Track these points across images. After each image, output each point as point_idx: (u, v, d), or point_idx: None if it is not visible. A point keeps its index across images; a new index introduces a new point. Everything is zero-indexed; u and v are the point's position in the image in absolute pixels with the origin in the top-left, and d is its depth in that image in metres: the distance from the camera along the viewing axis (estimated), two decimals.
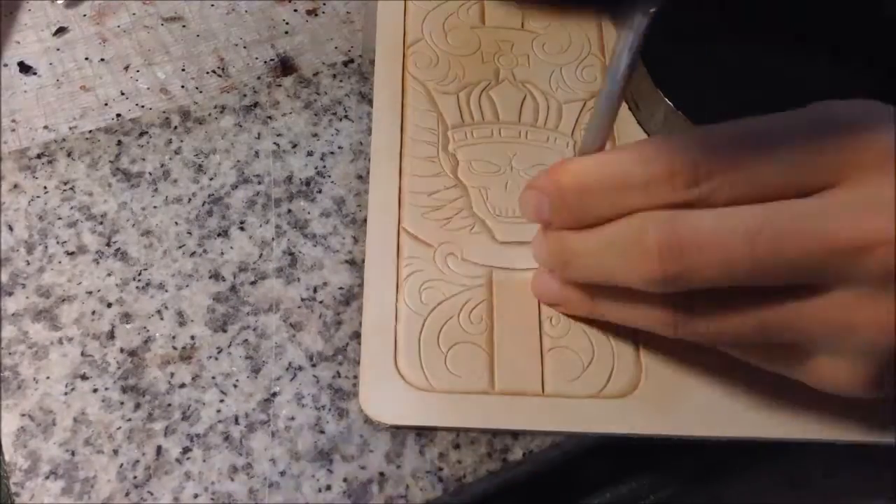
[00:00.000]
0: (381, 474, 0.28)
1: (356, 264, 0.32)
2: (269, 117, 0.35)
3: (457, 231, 0.31)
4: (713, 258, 0.22)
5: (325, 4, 0.38)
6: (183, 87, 0.35)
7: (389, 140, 0.33)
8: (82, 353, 0.29)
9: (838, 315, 0.22)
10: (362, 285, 0.31)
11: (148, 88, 0.35)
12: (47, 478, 0.27)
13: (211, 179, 0.33)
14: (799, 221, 0.22)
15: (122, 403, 0.29)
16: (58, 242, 0.31)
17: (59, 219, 0.32)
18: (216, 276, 0.31)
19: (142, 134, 0.34)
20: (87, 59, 0.36)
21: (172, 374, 0.29)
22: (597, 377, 0.29)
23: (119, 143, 0.34)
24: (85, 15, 0.37)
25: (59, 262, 0.31)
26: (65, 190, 0.32)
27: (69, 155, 0.33)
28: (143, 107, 0.35)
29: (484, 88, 0.34)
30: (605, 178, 0.24)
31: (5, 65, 0.35)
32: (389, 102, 0.34)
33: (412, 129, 0.34)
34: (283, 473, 0.28)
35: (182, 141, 0.34)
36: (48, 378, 0.29)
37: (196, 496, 0.27)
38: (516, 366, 0.29)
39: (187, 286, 0.31)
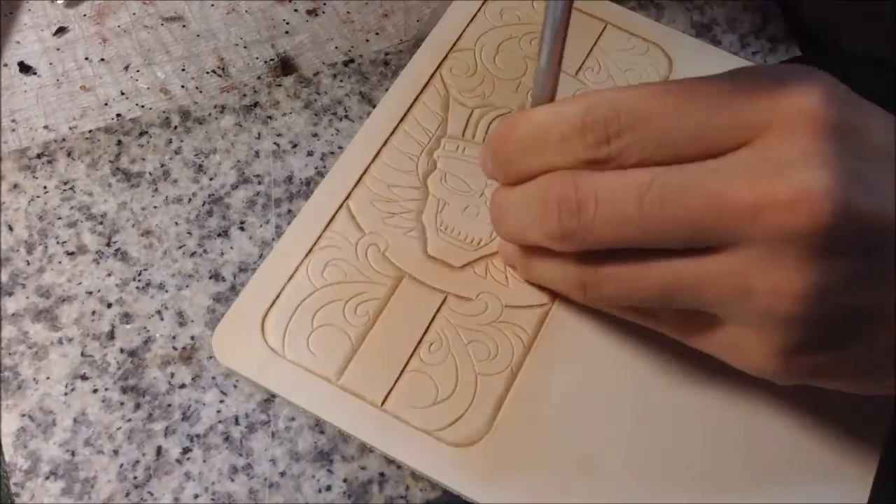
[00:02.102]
0: (381, 474, 0.28)
1: None
2: (270, 117, 0.35)
3: (393, 228, 0.31)
4: (606, 215, 0.22)
5: (325, 4, 0.38)
6: (183, 87, 0.35)
7: (384, 123, 0.33)
8: (82, 354, 0.29)
9: (735, 278, 0.22)
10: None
11: (148, 88, 0.35)
12: (47, 478, 0.27)
13: (211, 179, 0.33)
14: (690, 180, 0.21)
15: (122, 404, 0.29)
16: (58, 242, 0.31)
17: (59, 219, 0.32)
18: (216, 276, 0.31)
19: (142, 134, 0.34)
20: (87, 59, 0.36)
21: (172, 375, 0.29)
22: (441, 416, 0.28)
23: (119, 143, 0.34)
24: (85, 15, 0.37)
25: (59, 262, 0.31)
26: (65, 190, 0.32)
27: (69, 155, 0.33)
28: (143, 107, 0.35)
29: (501, 115, 0.34)
30: (528, 134, 0.24)
31: (5, 65, 0.35)
32: (406, 91, 0.34)
33: (412, 122, 0.34)
34: (283, 474, 0.28)
35: (182, 141, 0.34)
36: (48, 378, 0.29)
37: (196, 496, 0.27)
38: (371, 370, 0.28)
39: (187, 286, 0.31)
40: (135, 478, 0.27)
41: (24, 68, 0.35)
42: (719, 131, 0.22)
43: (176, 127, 0.34)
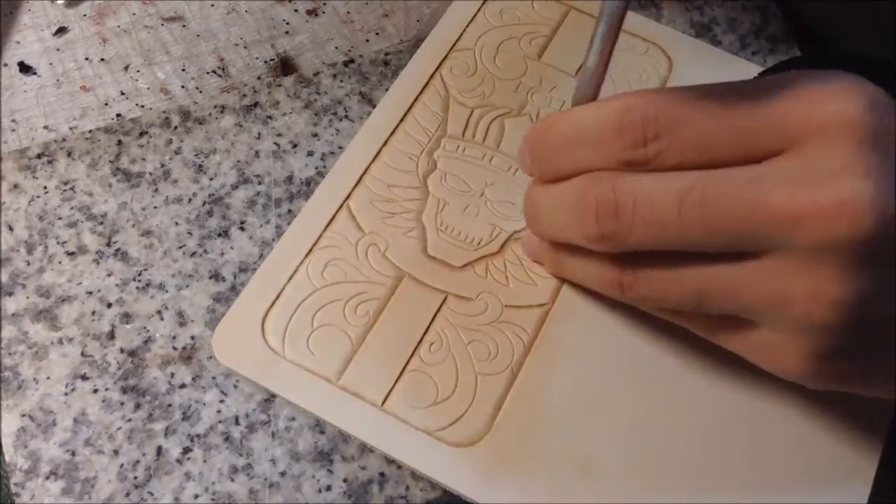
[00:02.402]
0: (381, 474, 0.28)
1: None
2: (270, 117, 0.35)
3: (393, 228, 0.31)
4: (645, 219, 0.22)
5: (325, 4, 0.38)
6: (183, 87, 0.35)
7: (384, 123, 0.33)
8: (82, 354, 0.29)
9: (774, 285, 0.22)
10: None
11: (148, 88, 0.35)
12: (47, 478, 0.27)
13: (211, 179, 0.33)
14: (730, 187, 0.21)
15: (122, 404, 0.29)
16: (58, 242, 0.31)
17: (59, 219, 0.32)
18: (216, 276, 0.31)
19: (142, 134, 0.34)
20: (87, 59, 0.36)
21: (172, 375, 0.29)
22: (441, 416, 0.28)
23: (119, 143, 0.34)
24: (85, 15, 0.37)
25: (59, 262, 0.31)
26: (65, 190, 0.32)
27: (69, 155, 0.33)
28: (143, 107, 0.35)
29: (501, 115, 0.34)
30: (567, 132, 0.24)
31: (5, 65, 0.35)
32: (406, 91, 0.34)
33: (412, 122, 0.34)
34: (283, 474, 0.28)
35: (182, 141, 0.34)
36: (48, 378, 0.29)
37: (196, 496, 0.27)
38: (371, 370, 0.28)
39: (187, 286, 0.31)
40: (135, 478, 0.27)
41: (24, 68, 0.35)
42: (758, 137, 0.22)
43: (176, 127, 0.34)
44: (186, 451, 0.28)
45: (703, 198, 0.21)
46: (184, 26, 0.37)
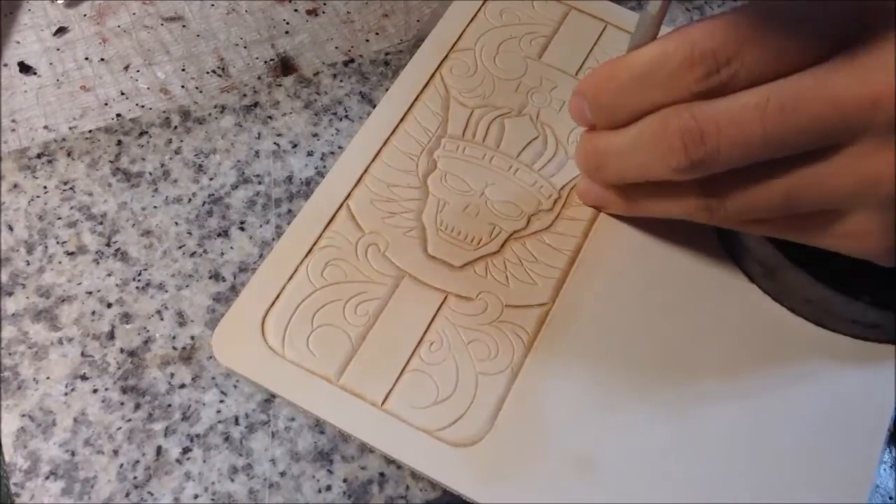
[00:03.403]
0: (381, 474, 0.28)
1: None
2: (270, 117, 0.35)
3: (393, 227, 0.31)
4: (731, 138, 0.23)
5: (325, 4, 0.38)
6: (183, 87, 0.35)
7: (384, 123, 0.33)
8: (82, 354, 0.29)
9: (861, 169, 0.23)
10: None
11: (148, 88, 0.35)
12: (47, 478, 0.27)
13: (211, 179, 0.33)
14: (804, 87, 0.23)
15: (122, 404, 0.29)
16: (58, 242, 0.31)
17: (59, 219, 0.32)
18: (216, 276, 0.31)
19: (142, 134, 0.34)
20: (87, 59, 0.36)
21: (172, 375, 0.29)
22: (442, 416, 0.28)
23: (119, 143, 0.34)
24: (85, 15, 0.37)
25: (59, 262, 0.31)
26: (65, 190, 0.32)
27: (69, 155, 0.33)
28: (143, 107, 0.35)
29: (501, 114, 0.34)
30: (633, 75, 0.25)
31: (5, 65, 0.35)
32: (406, 91, 0.34)
33: (412, 122, 0.34)
34: (283, 474, 0.28)
35: (182, 141, 0.34)
36: (48, 378, 0.29)
37: (196, 496, 0.27)
38: (371, 370, 0.28)
39: (187, 286, 0.31)
40: (135, 478, 0.27)
41: (24, 68, 0.35)
42: (819, 40, 0.23)
43: (176, 127, 0.34)
44: (186, 451, 0.28)
45: (782, 104, 0.23)
46: (184, 26, 0.37)
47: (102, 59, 0.36)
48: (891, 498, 0.29)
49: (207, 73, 0.36)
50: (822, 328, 0.30)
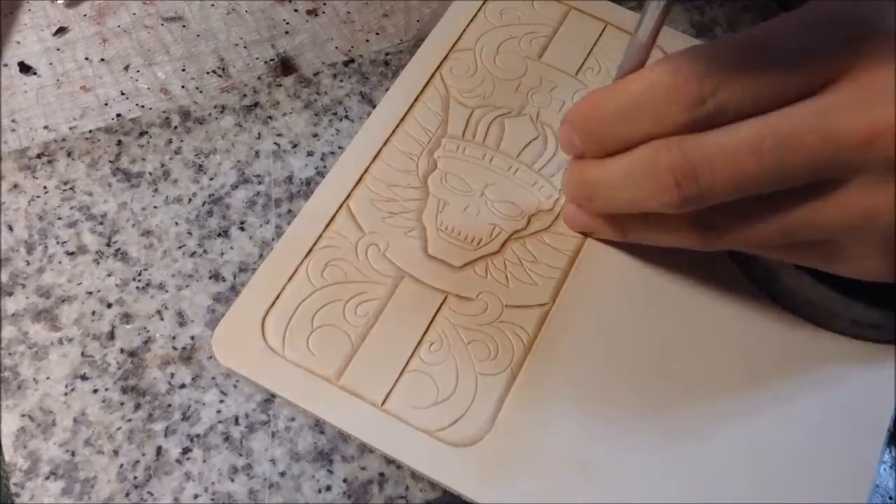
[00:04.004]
0: (381, 474, 0.28)
1: None
2: (270, 117, 0.35)
3: (393, 228, 0.31)
4: (725, 175, 0.23)
5: (325, 4, 0.38)
6: (183, 87, 0.35)
7: (384, 123, 0.33)
8: (82, 354, 0.29)
9: (857, 206, 0.23)
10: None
11: (148, 88, 0.35)
12: (47, 478, 0.27)
13: (211, 179, 0.33)
14: (800, 123, 0.22)
15: (122, 404, 0.29)
16: (58, 242, 0.31)
17: (59, 219, 0.32)
18: (216, 276, 0.31)
19: (142, 134, 0.34)
20: (87, 59, 0.36)
21: (172, 375, 0.29)
22: (442, 416, 0.28)
23: (119, 143, 0.34)
24: (85, 15, 0.37)
25: (59, 262, 0.31)
26: (65, 190, 0.32)
27: (69, 155, 0.33)
28: (143, 107, 0.35)
29: (501, 115, 0.34)
30: (621, 104, 0.24)
31: (5, 65, 0.35)
32: (406, 91, 0.34)
33: (412, 122, 0.34)
34: (283, 474, 0.28)
35: (182, 141, 0.34)
36: (48, 378, 0.29)
37: (196, 496, 0.27)
38: (371, 370, 0.28)
39: (187, 286, 0.31)
40: (135, 478, 0.27)
41: (24, 68, 0.35)
42: (809, 72, 0.22)
43: (176, 127, 0.34)
44: (186, 451, 0.28)
45: (777, 140, 0.22)
46: (184, 26, 0.37)
47: (102, 59, 0.36)
48: (891, 498, 0.29)
49: (207, 73, 0.36)
50: (822, 329, 0.30)
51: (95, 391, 0.29)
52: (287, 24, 0.37)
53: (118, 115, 0.34)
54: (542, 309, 0.30)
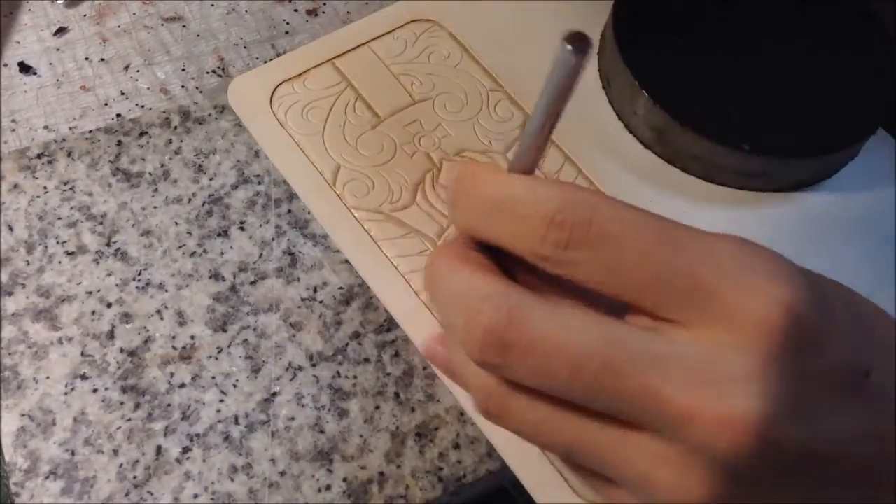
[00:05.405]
0: (381, 474, 0.28)
1: None
2: None
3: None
4: (533, 367, 0.21)
5: (325, 4, 0.38)
6: (183, 87, 0.35)
7: None
8: (82, 353, 0.29)
9: (644, 465, 0.21)
10: (363, 285, 0.31)
11: (148, 88, 0.35)
12: (47, 478, 0.27)
13: (211, 179, 0.33)
14: (632, 362, 0.20)
15: (122, 403, 0.29)
16: (58, 242, 0.31)
17: (59, 219, 0.32)
18: (216, 276, 0.31)
19: (142, 134, 0.34)
20: (87, 59, 0.36)
21: (172, 374, 0.29)
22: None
23: (119, 143, 0.34)
24: (85, 15, 0.37)
25: (59, 262, 0.31)
26: (65, 190, 0.32)
27: (69, 155, 0.33)
28: (143, 107, 0.35)
29: (432, 181, 0.33)
30: (497, 199, 0.22)
31: (5, 65, 0.35)
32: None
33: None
34: (282, 473, 0.28)
35: (182, 141, 0.34)
36: (48, 378, 0.29)
37: (196, 496, 0.27)
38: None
39: (187, 286, 0.31)
40: (134, 477, 0.27)
41: (24, 68, 0.35)
42: (672, 299, 0.20)
43: (176, 127, 0.34)
44: (186, 450, 0.28)
45: (601, 368, 0.20)
46: (184, 26, 0.37)
47: (102, 59, 0.36)
48: None
49: (207, 73, 0.36)
50: (712, 184, 0.32)
51: (95, 391, 0.29)
52: (287, 24, 0.37)
53: (118, 115, 0.34)
54: None
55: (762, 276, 0.20)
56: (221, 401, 0.29)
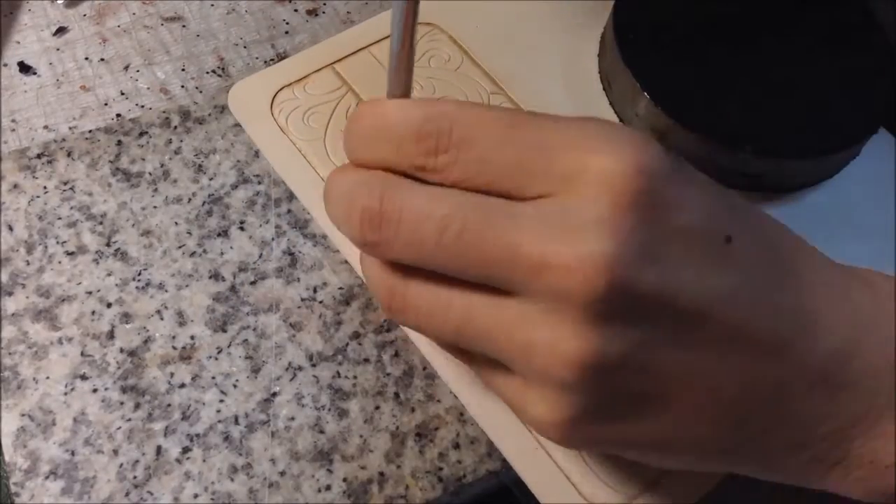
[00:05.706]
0: (381, 474, 0.28)
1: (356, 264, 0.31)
2: None
3: None
4: (405, 238, 0.22)
5: (325, 4, 0.38)
6: (183, 87, 0.35)
7: None
8: (82, 353, 0.29)
9: (522, 331, 0.21)
10: (362, 285, 0.31)
11: (148, 88, 0.35)
12: (47, 478, 0.27)
13: (211, 179, 0.33)
14: (490, 223, 0.21)
15: (121, 403, 0.29)
16: (58, 242, 0.31)
17: (59, 219, 0.32)
18: (216, 276, 0.31)
19: (142, 134, 0.34)
20: (87, 59, 0.36)
21: (172, 374, 0.29)
22: None
23: (119, 143, 0.34)
24: (85, 15, 0.37)
25: (59, 262, 0.31)
26: (65, 190, 0.32)
27: (69, 155, 0.33)
28: (143, 107, 0.35)
29: None
30: (373, 125, 0.23)
31: (5, 65, 0.35)
32: None
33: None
34: (282, 473, 0.28)
35: (182, 141, 0.34)
36: (48, 378, 0.29)
37: (196, 496, 0.27)
38: None
39: (187, 286, 0.31)
40: (134, 477, 0.27)
41: (24, 68, 0.35)
42: (532, 175, 0.21)
43: (176, 127, 0.34)
44: (186, 450, 0.28)
45: (462, 228, 0.21)
46: (184, 26, 0.37)
47: (102, 59, 0.36)
48: None
49: (207, 73, 0.36)
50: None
51: (95, 391, 0.29)
52: (287, 24, 0.37)
53: (118, 115, 0.34)
54: None
55: (617, 143, 0.21)
56: (221, 401, 0.29)
